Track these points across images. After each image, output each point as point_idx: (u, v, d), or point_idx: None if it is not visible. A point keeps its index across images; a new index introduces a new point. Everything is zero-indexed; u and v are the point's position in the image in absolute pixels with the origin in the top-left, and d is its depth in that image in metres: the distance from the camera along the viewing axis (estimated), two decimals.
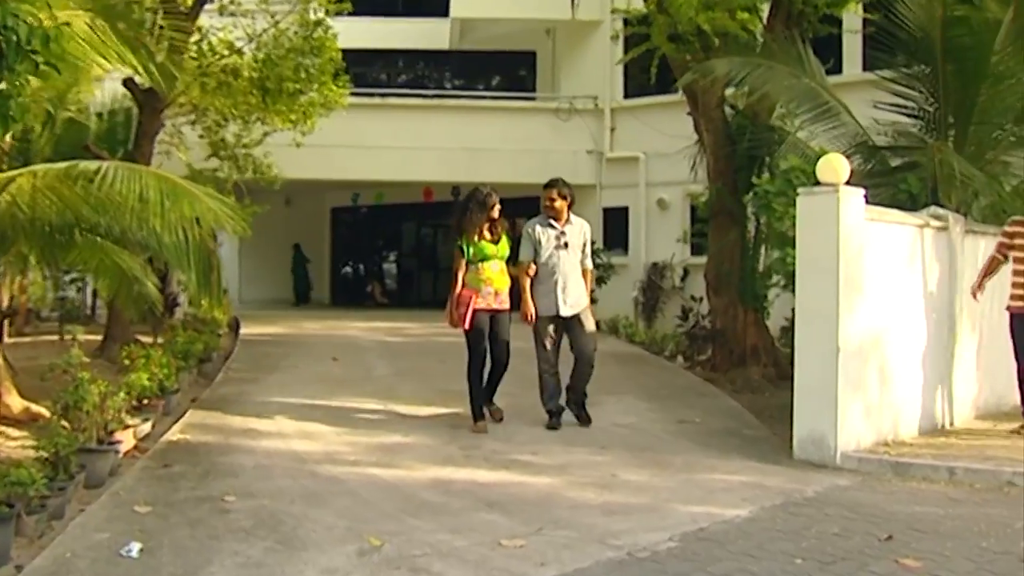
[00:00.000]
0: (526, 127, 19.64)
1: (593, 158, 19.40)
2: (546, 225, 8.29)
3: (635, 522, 5.66)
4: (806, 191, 7.39)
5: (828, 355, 7.12)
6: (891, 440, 7.67)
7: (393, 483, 6.40)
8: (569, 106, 19.43)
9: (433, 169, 19.85)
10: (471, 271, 8.06)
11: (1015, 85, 9.82)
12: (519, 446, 7.62)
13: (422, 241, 26.03)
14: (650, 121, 18.09)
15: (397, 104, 20.10)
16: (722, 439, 8.08)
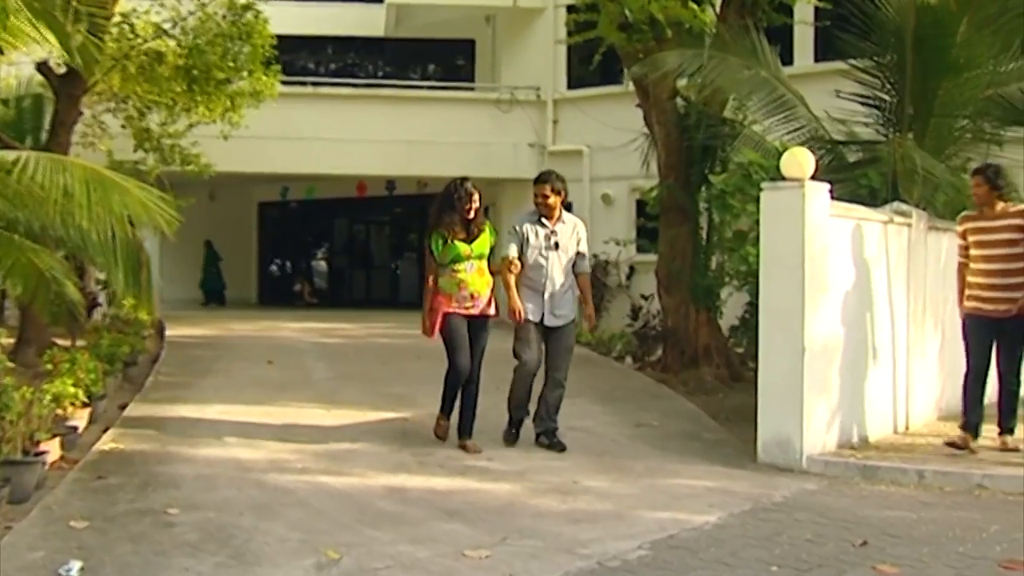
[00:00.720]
0: (465, 119, 19.60)
1: (535, 151, 19.43)
2: (535, 223, 7.71)
3: (602, 530, 5.64)
4: (770, 186, 7.45)
5: (793, 355, 7.18)
6: (856, 443, 7.78)
7: (345, 492, 6.31)
8: (510, 97, 19.44)
9: (367, 162, 19.71)
10: (444, 274, 7.52)
11: (976, 77, 10.03)
12: (473, 452, 7.56)
13: (355, 238, 25.85)
14: (594, 113, 18.18)
15: (329, 94, 19.91)
16: (682, 443, 8.12)
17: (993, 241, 7.52)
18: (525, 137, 19.36)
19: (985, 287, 7.55)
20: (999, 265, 7.47)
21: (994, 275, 7.48)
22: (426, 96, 20.19)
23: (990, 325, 7.49)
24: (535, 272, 7.66)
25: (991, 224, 7.54)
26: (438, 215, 7.51)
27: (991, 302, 7.49)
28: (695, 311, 12.26)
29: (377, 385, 10.37)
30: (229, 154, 16.42)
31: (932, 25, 9.46)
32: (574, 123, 18.81)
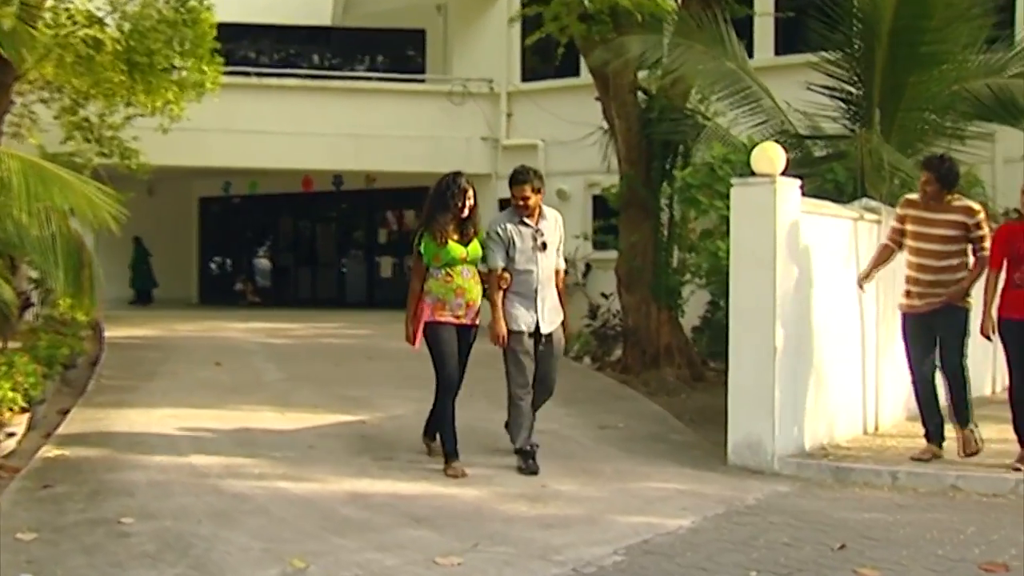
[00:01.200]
0: (415, 112, 19.52)
1: (488, 145, 19.41)
2: (517, 224, 7.24)
3: (575, 535, 5.65)
4: (741, 182, 7.51)
5: (765, 355, 7.25)
6: (827, 444, 7.86)
7: (307, 498, 6.26)
8: (462, 89, 19.39)
9: (313, 156, 19.55)
10: (436, 278, 7.00)
11: (945, 72, 10.20)
12: (436, 455, 7.53)
13: (300, 235, 25.64)
14: (549, 106, 18.19)
15: (275, 85, 19.73)
16: (649, 445, 8.16)
17: (931, 235, 7.32)
18: (478, 131, 19.34)
19: (917, 282, 7.39)
20: (933, 261, 7.30)
21: (927, 270, 7.32)
22: (375, 88, 20.07)
23: (925, 322, 7.35)
24: (525, 277, 7.19)
25: (933, 216, 7.34)
26: (429, 214, 7.04)
27: (923, 297, 7.35)
28: (656, 310, 12.32)
29: (331, 387, 10.30)
30: (169, 147, 16.16)
31: (909, 17, 9.57)
32: (528, 116, 18.82)
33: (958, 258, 7.30)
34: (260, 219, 25.64)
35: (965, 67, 10.55)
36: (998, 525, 6.03)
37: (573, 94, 17.81)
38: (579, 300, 17.20)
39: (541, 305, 7.25)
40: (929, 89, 10.47)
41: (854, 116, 10.83)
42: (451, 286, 7.03)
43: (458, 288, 7.03)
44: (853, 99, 10.78)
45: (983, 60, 10.55)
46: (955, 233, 7.28)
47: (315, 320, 18.18)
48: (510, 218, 7.31)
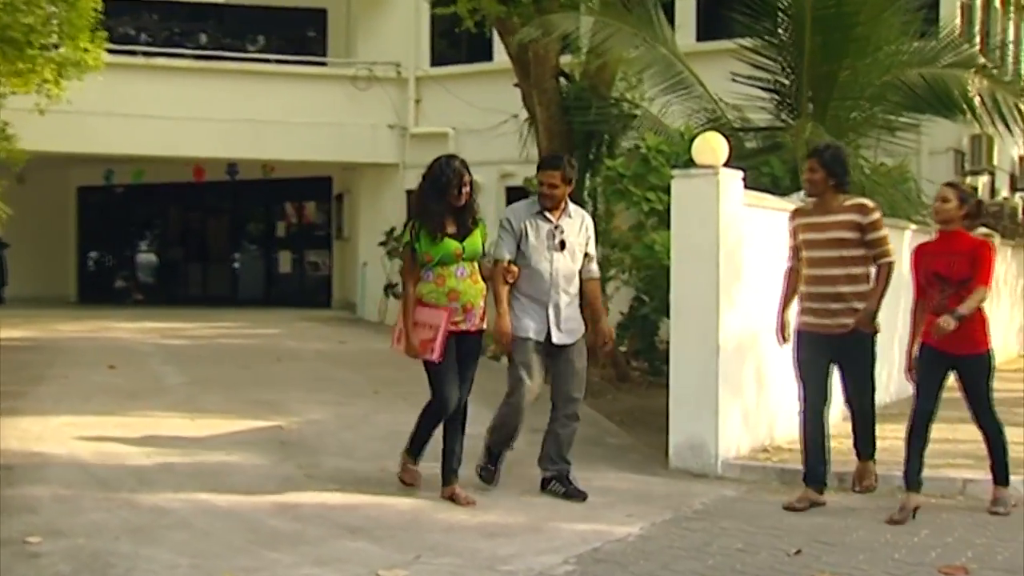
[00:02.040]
0: (317, 97, 19.31)
1: (395, 133, 19.32)
2: (535, 216, 6.70)
3: (521, 545, 5.67)
4: (682, 173, 7.61)
5: (707, 354, 7.36)
6: (769, 445, 8.02)
7: (231, 510, 6.16)
8: (368, 74, 19.25)
9: (206, 143, 19.19)
10: (429, 280, 6.35)
11: (876, 61, 10.47)
12: (364, 461, 7.54)
13: (190, 228, 25.19)
14: (461, 92, 18.18)
15: (163, 65, 19.28)
16: (585, 449, 8.18)
17: (823, 241, 6.60)
18: (384, 118, 19.22)
19: (816, 297, 6.63)
20: (829, 270, 6.56)
21: (824, 282, 6.58)
22: (273, 71, 19.77)
23: (826, 344, 6.60)
24: (537, 278, 6.66)
25: (823, 219, 6.62)
26: (422, 203, 6.40)
27: (825, 315, 6.60)
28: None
29: (240, 391, 10.15)
30: (44, 131, 15.59)
31: (835, 4, 9.79)
32: (438, 103, 18.76)
33: (860, 267, 6.56)
34: (145, 211, 25.13)
35: (898, 56, 10.86)
36: (950, 527, 6.22)
37: (486, 80, 17.86)
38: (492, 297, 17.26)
39: (554, 312, 6.69)
40: (863, 78, 10.76)
41: (784, 107, 11.07)
42: (443, 289, 6.35)
43: (452, 291, 6.36)
44: (783, 89, 11.01)
45: (917, 48, 10.87)
46: (850, 236, 6.54)
47: (209, 319, 17.88)
48: (527, 209, 6.77)
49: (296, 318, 17.99)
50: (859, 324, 6.52)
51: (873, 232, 6.58)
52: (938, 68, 10.82)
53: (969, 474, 7.20)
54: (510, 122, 17.38)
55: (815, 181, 6.64)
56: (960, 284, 6.27)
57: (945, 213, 6.39)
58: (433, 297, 6.36)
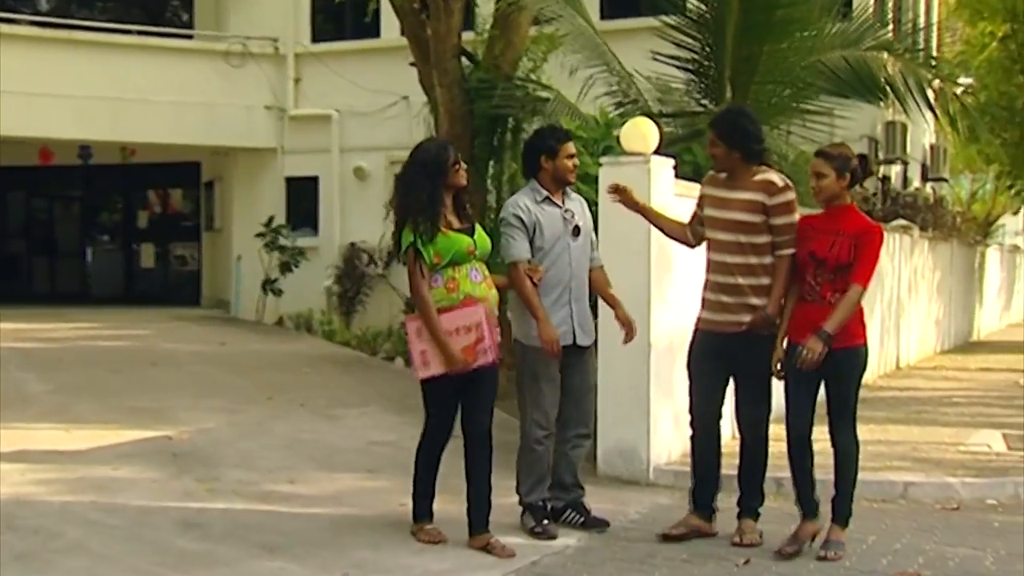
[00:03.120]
0: (185, 74, 18.87)
1: (273, 115, 19.03)
2: (542, 203, 6.32)
3: (454, 560, 5.73)
4: (611, 161, 7.70)
5: (638, 353, 7.43)
6: None
7: (130, 531, 6.08)
8: (241, 49, 18.91)
9: (56, 123, 18.50)
10: (438, 285, 5.80)
11: (799, 42, 10.73)
12: (268, 472, 7.50)
13: (35, 217, 24.46)
14: (345, 71, 18.01)
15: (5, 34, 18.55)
16: (503, 456, 8.12)
17: (724, 221, 6.10)
18: (260, 98, 18.91)
19: (712, 287, 6.17)
20: (728, 257, 6.06)
21: (722, 270, 6.11)
22: (134, 43, 19.16)
23: (719, 346, 6.11)
24: (557, 272, 6.29)
25: (728, 195, 6.11)
26: (415, 194, 5.77)
27: (718, 310, 6.12)
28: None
29: (117, 398, 9.97)
30: None
31: None
32: (320, 83, 18.54)
33: (762, 256, 6.01)
34: None
35: (821, 38, 11.13)
36: (897, 532, 6.46)
37: (373, 58, 17.78)
38: (383, 293, 17.24)
39: (576, 310, 6.34)
40: (786, 60, 10.99)
41: (705, 91, 11.28)
42: (455, 296, 5.80)
43: (467, 298, 5.81)
44: (703, 71, 11.22)
45: (840, 30, 11.16)
46: (752, 219, 5.98)
47: (63, 319, 17.39)
48: (531, 196, 6.34)
49: (163, 317, 17.64)
50: (755, 324, 5.96)
51: (781, 216, 5.96)
52: (861, 51, 11.14)
53: (909, 476, 7.50)
54: (399, 104, 17.43)
55: (717, 156, 6.15)
56: (837, 271, 5.77)
57: (825, 191, 5.87)
58: (444, 305, 5.78)
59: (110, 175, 22.41)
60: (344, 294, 17.57)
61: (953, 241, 18.33)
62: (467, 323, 5.77)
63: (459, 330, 5.76)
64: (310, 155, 18.60)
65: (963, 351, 17.33)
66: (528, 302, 6.17)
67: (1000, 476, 7.58)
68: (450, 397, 5.96)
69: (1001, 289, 23.80)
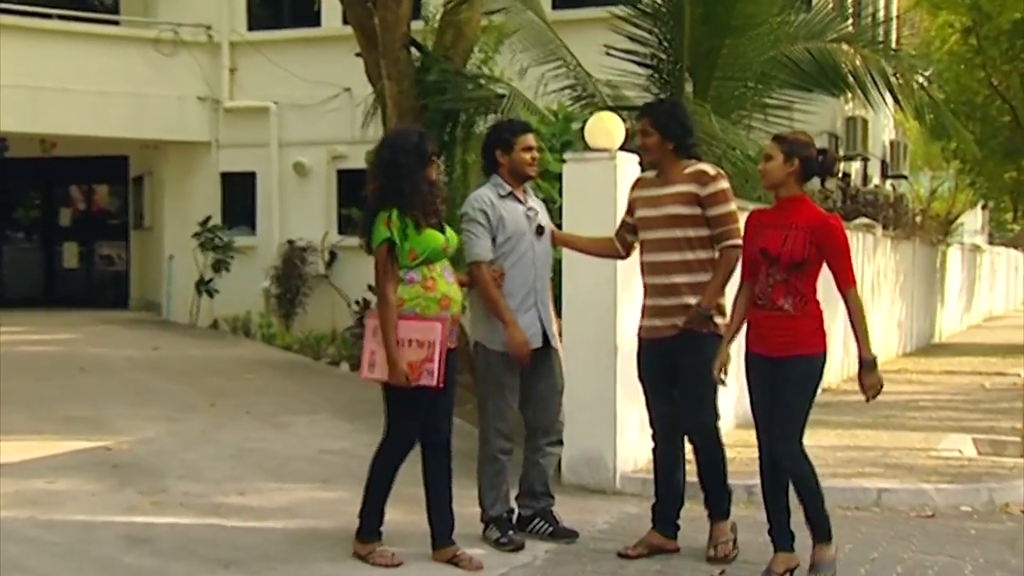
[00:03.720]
0: (111, 62, 18.63)
1: (206, 107, 18.88)
2: (504, 199, 6.27)
3: (418, 572, 5.75)
4: (576, 157, 7.75)
5: (605, 356, 7.53)
6: None
7: (73, 547, 6.02)
8: (173, 36, 18.74)
9: None
10: (414, 283, 5.74)
11: (760, 35, 10.87)
12: (217, 484, 7.46)
13: None
14: (284, 62, 17.90)
15: None
16: (462, 463, 8.12)
17: (658, 219, 6.07)
18: (193, 89, 18.75)
19: (650, 290, 6.18)
20: (664, 255, 6.05)
21: (658, 270, 6.09)
22: (55, 29, 18.84)
23: (663, 352, 6.08)
24: (522, 272, 6.26)
25: (659, 192, 6.09)
26: (395, 183, 5.70)
27: (656, 314, 6.11)
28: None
29: (47, 407, 9.85)
30: None
31: None
32: (258, 73, 18.41)
33: (700, 251, 6.01)
34: None
35: (783, 29, 11.30)
36: (872, 540, 6.56)
37: (313, 48, 17.74)
38: (325, 294, 17.20)
39: (541, 313, 6.33)
40: (746, 54, 11.15)
41: (663, 84, 11.38)
42: (433, 295, 5.75)
43: (443, 298, 5.76)
44: (661, 65, 11.32)
45: (804, 21, 11.33)
46: (686, 212, 5.98)
47: None
48: (494, 191, 6.28)
49: (89, 320, 17.45)
50: (689, 323, 5.92)
51: (715, 207, 5.95)
52: (825, 43, 11.31)
53: (883, 483, 7.61)
54: (341, 96, 17.40)
55: (649, 146, 6.11)
56: (791, 269, 5.60)
57: (769, 176, 5.73)
58: (419, 305, 5.71)
59: (28, 169, 22.03)
60: (283, 296, 17.48)
61: (915, 240, 18.59)
62: (422, 337, 5.68)
63: (411, 342, 5.68)
64: (247, 149, 18.46)
65: (926, 353, 17.58)
66: (494, 305, 6.14)
67: (974, 482, 7.71)
68: (419, 404, 5.83)
69: (962, 290, 24.16)
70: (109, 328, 16.64)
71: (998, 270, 31.34)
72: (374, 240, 5.72)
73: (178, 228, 18.34)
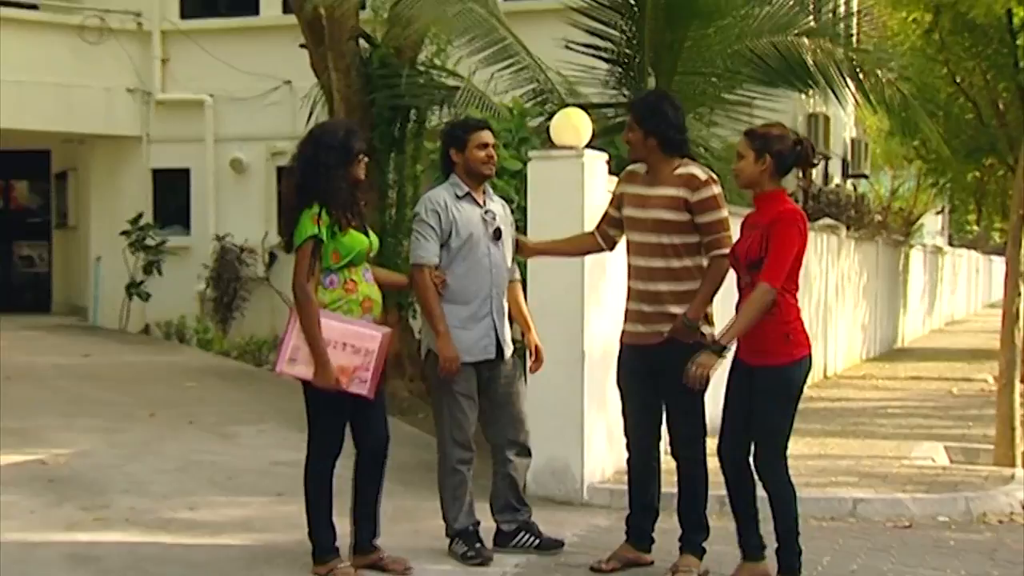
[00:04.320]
0: (31, 50, 18.27)
1: (137, 99, 18.69)
2: (460, 200, 6.26)
3: None
4: (541, 155, 7.79)
5: (572, 363, 7.57)
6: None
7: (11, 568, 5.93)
8: (99, 23, 18.53)
9: None
10: (335, 287, 5.76)
11: (724, 28, 10.96)
12: (164, 499, 7.43)
13: None
14: (220, 52, 17.75)
15: None
16: (422, 475, 8.25)
17: (644, 221, 6.06)
18: (122, 80, 18.54)
19: (633, 295, 6.18)
20: (649, 261, 6.04)
21: (641, 276, 6.10)
22: None
23: (644, 360, 6.11)
24: (476, 279, 6.25)
25: (648, 192, 6.07)
26: (323, 179, 5.71)
27: (639, 320, 6.13)
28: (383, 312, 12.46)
29: None
30: None
31: None
32: (192, 64, 18.23)
33: (684, 259, 6.00)
34: None
35: (748, 23, 11.40)
36: (851, 552, 6.68)
37: (251, 38, 17.65)
38: (264, 297, 17.11)
39: (497, 322, 6.30)
40: (710, 48, 11.24)
41: (623, 79, 11.45)
42: (355, 298, 5.81)
43: (366, 300, 5.85)
44: (623, 60, 11.39)
45: (769, 14, 11.41)
46: (674, 217, 5.95)
47: None
48: (449, 193, 6.28)
49: (10, 326, 17.17)
50: (675, 332, 5.90)
51: (705, 213, 5.91)
52: (792, 36, 11.42)
53: (858, 492, 7.75)
54: (281, 90, 17.30)
55: (634, 143, 6.08)
56: (751, 269, 5.64)
57: (742, 175, 5.77)
58: (341, 308, 5.75)
59: None
60: (219, 299, 17.37)
61: (879, 242, 18.84)
62: (359, 344, 5.71)
63: (346, 346, 5.67)
64: (180, 144, 18.28)
65: (890, 359, 17.83)
66: (430, 312, 6.17)
67: (950, 491, 7.86)
68: (343, 410, 5.82)
69: (924, 293, 24.53)
70: (33, 334, 16.46)
71: (959, 273, 31.87)
72: (298, 236, 5.70)
73: (106, 227, 18.16)
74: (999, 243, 50.06)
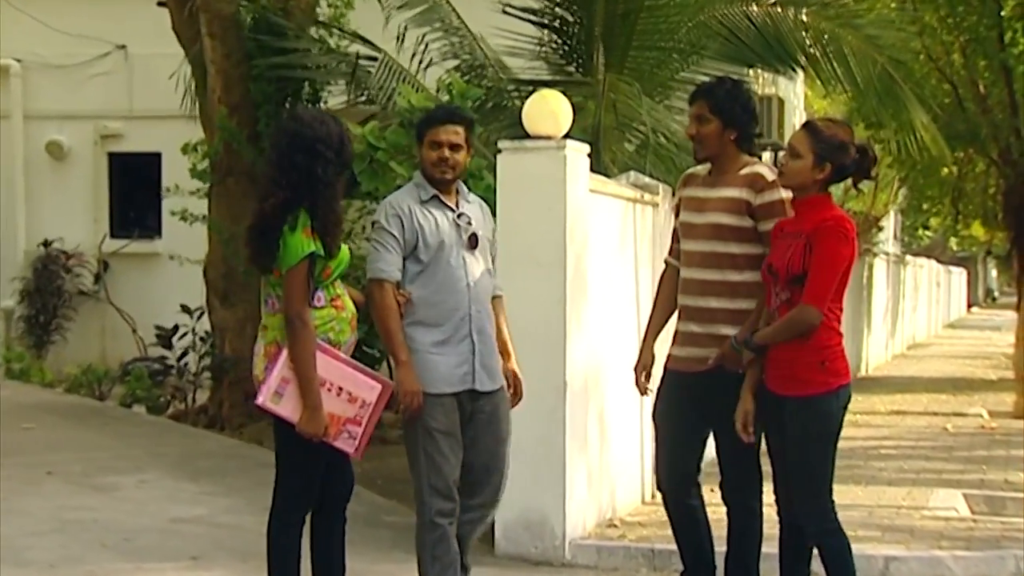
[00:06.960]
0: None
1: None
2: (427, 204, 6.28)
3: None
4: (513, 146, 7.97)
5: (551, 394, 7.78)
6: (615, 518, 8.63)
7: None
8: None
9: None
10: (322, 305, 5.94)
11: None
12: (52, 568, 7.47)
13: None
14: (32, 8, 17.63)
15: None
16: (363, 531, 8.40)
17: (700, 228, 6.26)
18: None
19: (683, 314, 6.41)
20: (703, 273, 6.27)
21: (693, 291, 6.32)
22: None
23: (689, 390, 6.33)
24: (450, 295, 6.25)
25: (706, 195, 6.31)
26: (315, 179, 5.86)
27: (687, 342, 6.37)
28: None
29: None
30: None
31: None
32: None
33: (744, 272, 6.21)
34: None
35: None
36: None
37: None
38: (94, 315, 17.09)
39: (478, 345, 6.27)
40: (668, 20, 11.67)
41: (568, 53, 11.82)
42: (344, 316, 6.00)
43: (352, 317, 6.03)
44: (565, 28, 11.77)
45: None
46: (733, 222, 6.16)
47: None
48: (414, 196, 6.31)
49: None
50: (722, 358, 6.10)
51: (770, 220, 6.11)
52: (766, 7, 11.87)
53: (887, 550, 8.08)
54: (113, 56, 17.22)
55: (706, 136, 6.26)
56: (791, 285, 5.85)
57: (791, 175, 5.96)
58: (332, 329, 5.90)
59: None
60: (34, 318, 17.27)
61: None
62: (355, 392, 5.88)
63: (341, 391, 5.84)
64: None
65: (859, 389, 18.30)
66: (389, 336, 6.16)
67: (994, 548, 8.20)
68: (320, 459, 5.93)
69: (887, 311, 25.20)
70: None
71: (920, 286, 32.68)
72: (291, 256, 5.75)
73: None
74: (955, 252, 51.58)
